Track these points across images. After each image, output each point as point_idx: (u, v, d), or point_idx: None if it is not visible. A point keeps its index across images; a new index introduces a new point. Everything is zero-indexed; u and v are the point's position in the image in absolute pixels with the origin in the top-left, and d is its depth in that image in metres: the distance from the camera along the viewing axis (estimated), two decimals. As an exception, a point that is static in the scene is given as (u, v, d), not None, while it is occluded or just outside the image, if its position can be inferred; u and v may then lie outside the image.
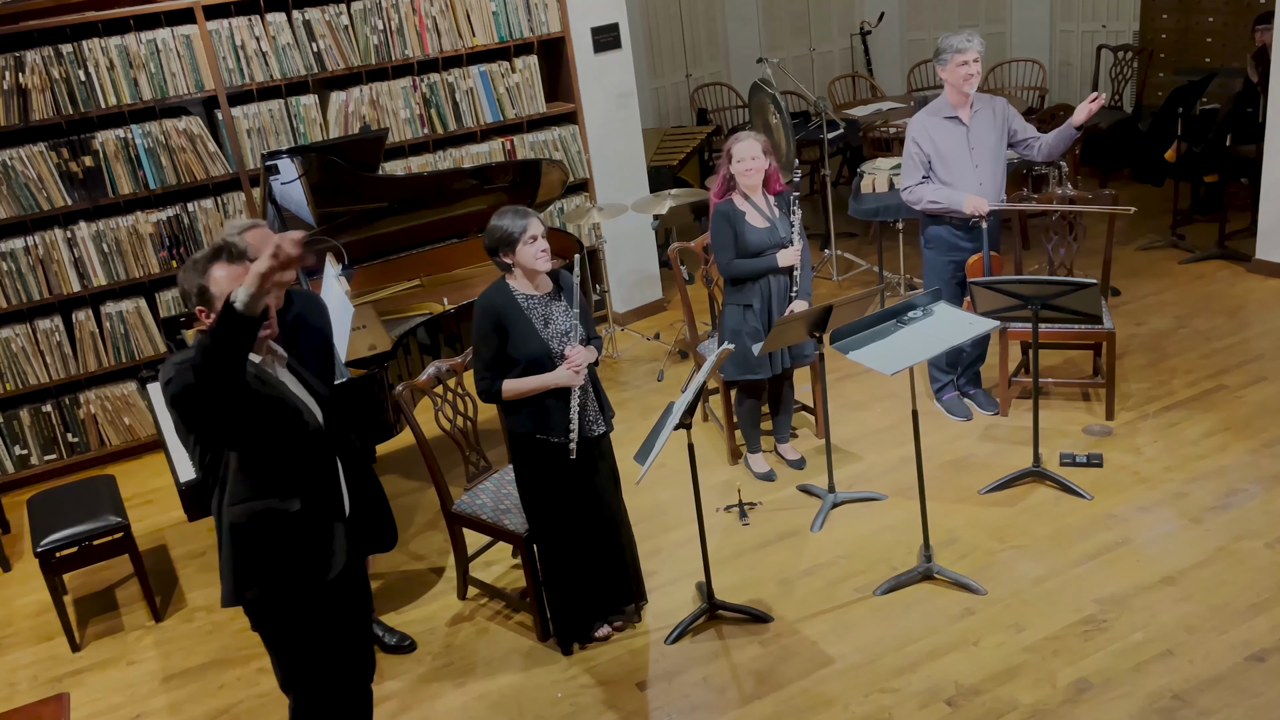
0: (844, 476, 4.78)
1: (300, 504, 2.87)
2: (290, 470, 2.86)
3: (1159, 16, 8.44)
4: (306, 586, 2.93)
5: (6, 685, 4.20)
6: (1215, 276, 6.38)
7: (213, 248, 2.79)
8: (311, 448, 2.90)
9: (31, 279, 5.39)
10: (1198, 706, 3.37)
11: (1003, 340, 5.01)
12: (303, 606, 2.95)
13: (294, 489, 2.87)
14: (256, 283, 2.49)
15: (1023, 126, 4.87)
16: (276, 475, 2.85)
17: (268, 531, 2.87)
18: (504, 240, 3.53)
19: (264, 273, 2.49)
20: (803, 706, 3.58)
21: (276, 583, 2.90)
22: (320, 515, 2.93)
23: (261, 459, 2.83)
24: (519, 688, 3.83)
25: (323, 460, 2.94)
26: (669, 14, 9.04)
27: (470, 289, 5.01)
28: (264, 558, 2.88)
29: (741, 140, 4.43)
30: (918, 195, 4.82)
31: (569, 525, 3.79)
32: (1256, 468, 4.51)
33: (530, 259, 3.54)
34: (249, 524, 2.86)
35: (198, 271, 2.76)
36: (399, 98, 5.88)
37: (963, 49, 4.64)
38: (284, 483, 2.86)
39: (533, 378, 3.57)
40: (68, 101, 5.25)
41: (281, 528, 2.87)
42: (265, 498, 2.85)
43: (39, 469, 5.64)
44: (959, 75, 4.66)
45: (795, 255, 4.48)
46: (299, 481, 2.88)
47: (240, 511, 2.85)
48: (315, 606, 2.97)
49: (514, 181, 5.20)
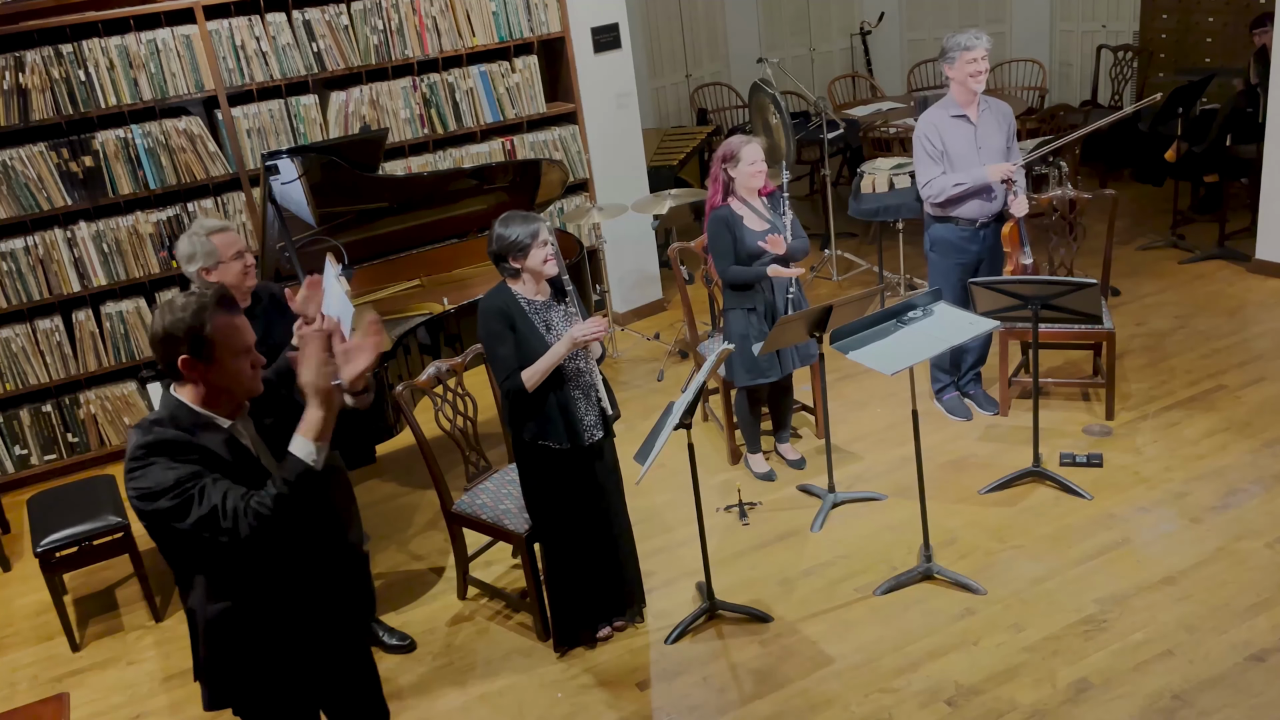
0: (844, 476, 4.78)
1: (289, 594, 2.55)
2: (275, 553, 2.48)
3: (1159, 16, 8.44)
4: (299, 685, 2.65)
5: (6, 685, 4.20)
6: (1215, 276, 6.38)
7: (213, 294, 2.43)
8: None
9: (31, 279, 5.39)
10: (1198, 706, 3.37)
11: (1003, 340, 5.01)
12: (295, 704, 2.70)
13: (281, 574, 2.53)
14: (323, 414, 2.28)
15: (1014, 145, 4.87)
16: (261, 563, 2.49)
17: (255, 631, 2.54)
18: (514, 246, 3.51)
19: (318, 386, 2.30)
20: (803, 706, 3.58)
21: (267, 686, 2.61)
22: (309, 602, 2.62)
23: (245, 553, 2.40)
24: (519, 688, 3.83)
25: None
26: (669, 14, 9.04)
27: (470, 289, 5.02)
28: (252, 659, 2.57)
29: (749, 144, 4.44)
30: (940, 187, 4.73)
31: (573, 527, 3.80)
32: (1256, 468, 4.51)
33: (540, 263, 3.55)
34: (233, 624, 2.53)
35: (192, 316, 2.36)
36: (399, 98, 5.88)
37: (971, 46, 4.62)
38: (271, 569, 2.51)
39: (544, 357, 3.55)
40: (68, 101, 5.24)
41: (271, 625, 2.55)
42: (251, 591, 2.51)
43: (39, 469, 5.64)
44: (966, 73, 4.64)
45: (791, 273, 4.47)
46: (285, 562, 2.54)
47: (220, 610, 2.51)
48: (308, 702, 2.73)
49: (514, 181, 5.20)
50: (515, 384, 3.56)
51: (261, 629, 2.55)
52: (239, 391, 2.47)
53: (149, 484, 2.33)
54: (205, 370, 2.39)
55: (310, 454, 2.31)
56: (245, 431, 2.53)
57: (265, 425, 2.58)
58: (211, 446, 2.41)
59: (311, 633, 2.64)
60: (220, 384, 2.43)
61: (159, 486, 2.31)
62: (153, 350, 2.42)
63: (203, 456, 2.38)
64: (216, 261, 3.59)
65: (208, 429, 2.43)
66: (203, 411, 2.44)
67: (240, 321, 2.43)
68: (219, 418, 2.46)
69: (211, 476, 2.35)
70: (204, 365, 2.38)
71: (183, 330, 2.35)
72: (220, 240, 3.59)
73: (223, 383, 2.43)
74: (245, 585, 2.50)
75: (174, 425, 2.39)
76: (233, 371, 2.42)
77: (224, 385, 2.43)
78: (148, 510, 2.34)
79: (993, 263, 4.94)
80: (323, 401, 2.34)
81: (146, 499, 2.33)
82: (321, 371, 2.34)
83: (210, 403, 2.44)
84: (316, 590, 2.64)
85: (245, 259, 3.66)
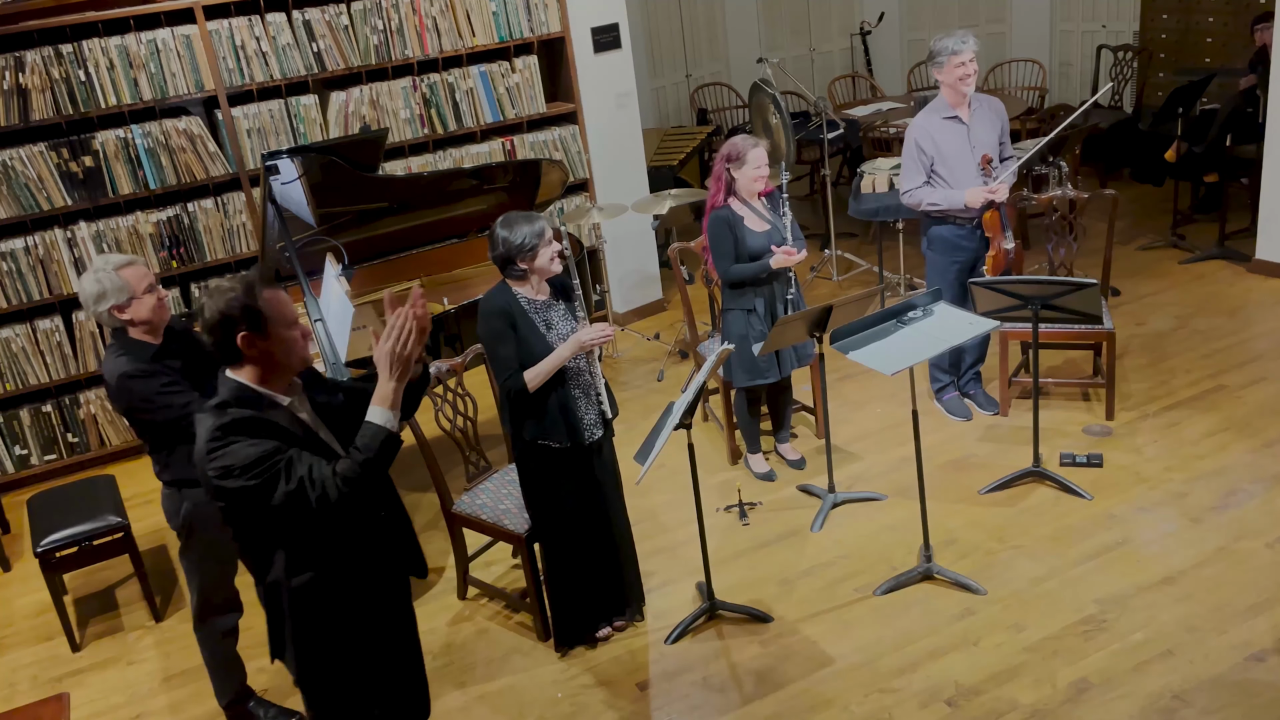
0: (844, 476, 4.78)
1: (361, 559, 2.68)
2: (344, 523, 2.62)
3: (1159, 16, 8.44)
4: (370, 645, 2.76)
5: (6, 685, 4.20)
6: (1215, 276, 6.38)
7: (256, 272, 2.56)
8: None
9: (31, 279, 5.39)
10: (1198, 706, 3.37)
11: (1003, 340, 5.01)
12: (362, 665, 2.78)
13: (356, 538, 2.66)
14: (397, 373, 2.40)
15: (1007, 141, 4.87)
16: (335, 533, 2.61)
17: (340, 596, 2.67)
18: (522, 249, 3.50)
19: (401, 354, 2.41)
20: (803, 706, 3.58)
21: (346, 649, 2.72)
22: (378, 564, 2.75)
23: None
24: (519, 688, 3.83)
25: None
26: (669, 14, 9.04)
27: (470, 289, 5.02)
28: (332, 624, 2.68)
29: (756, 148, 4.43)
30: (917, 199, 4.81)
31: (573, 527, 3.80)
32: (1256, 468, 4.51)
33: (549, 262, 3.55)
34: (319, 591, 2.64)
35: (244, 293, 2.48)
36: (399, 98, 5.88)
37: (958, 50, 4.63)
38: (347, 535, 2.64)
39: (548, 358, 3.56)
40: (68, 101, 5.25)
41: (352, 589, 2.68)
42: (331, 558, 2.63)
43: (39, 469, 5.64)
44: (955, 76, 4.65)
45: (792, 260, 4.46)
46: (355, 530, 2.66)
47: (305, 580, 2.62)
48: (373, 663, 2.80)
49: (514, 181, 5.19)
50: (517, 383, 3.56)
51: (345, 593, 2.67)
52: (294, 362, 2.57)
53: (232, 462, 2.41)
54: (263, 345, 2.49)
55: (389, 421, 2.44)
56: (302, 407, 2.64)
57: (320, 403, 2.69)
58: (281, 423, 2.52)
59: (385, 594, 2.78)
60: (276, 357, 2.53)
61: (243, 463, 2.40)
62: (208, 336, 2.51)
63: (277, 432, 2.48)
64: (129, 297, 3.32)
65: (271, 407, 2.54)
66: (263, 390, 2.54)
67: (284, 295, 2.55)
68: (278, 395, 2.56)
69: (293, 450, 2.46)
70: (262, 340, 2.49)
71: (238, 308, 2.45)
72: (130, 274, 3.32)
73: (279, 355, 2.53)
74: (326, 553, 2.62)
75: (240, 406, 2.49)
76: (287, 342, 2.53)
77: (280, 358, 2.54)
78: (232, 489, 2.43)
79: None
80: (397, 373, 2.46)
81: (231, 477, 2.41)
82: (398, 344, 2.44)
83: (267, 379, 2.55)
84: (385, 552, 2.76)
85: (158, 291, 3.41)
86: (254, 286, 2.49)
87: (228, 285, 2.49)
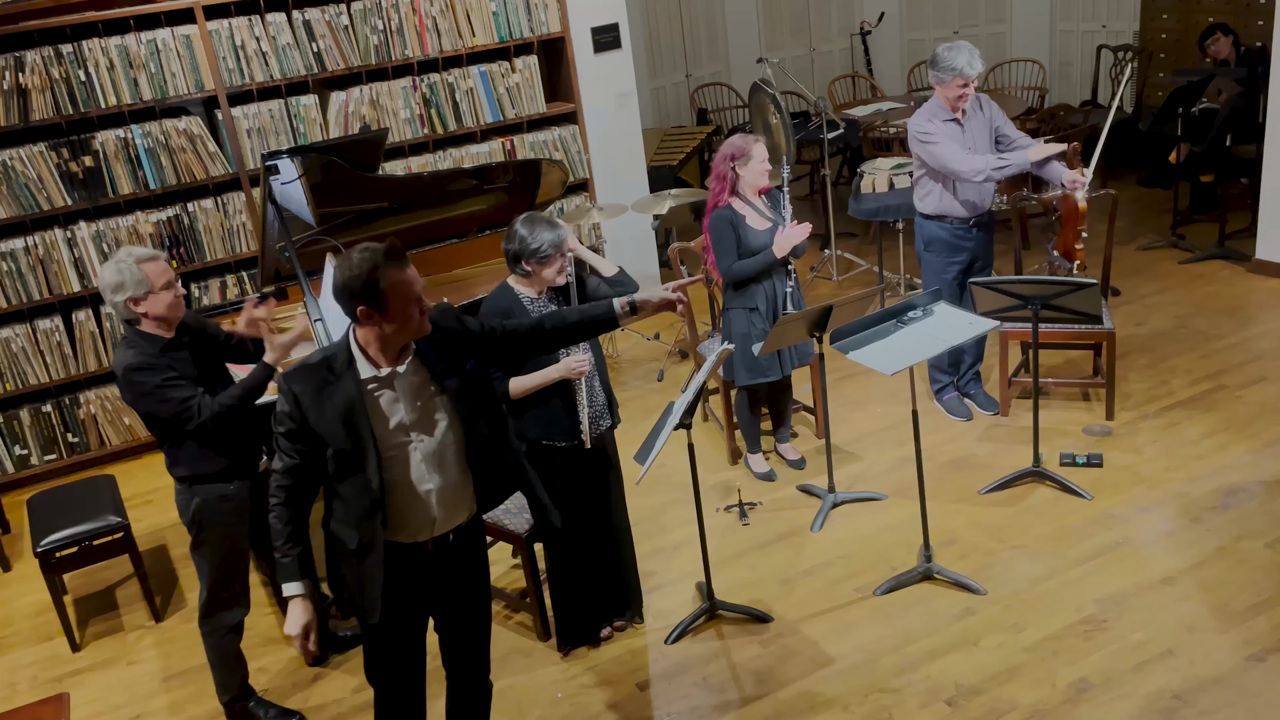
0: (844, 476, 4.78)
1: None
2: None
3: (1159, 16, 8.44)
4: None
5: (6, 685, 4.20)
6: (1215, 276, 6.38)
7: (384, 248, 2.65)
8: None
9: (31, 279, 5.39)
10: (1198, 706, 3.37)
11: (1003, 340, 5.01)
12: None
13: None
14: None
15: (1012, 131, 4.85)
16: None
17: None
18: (536, 254, 3.49)
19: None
20: (803, 706, 3.58)
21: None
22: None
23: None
24: (519, 688, 3.83)
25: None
26: (669, 14, 9.04)
27: (470, 289, 5.02)
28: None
29: (759, 143, 4.43)
30: (983, 165, 4.58)
31: (575, 528, 3.79)
32: (1256, 468, 4.51)
33: (554, 274, 3.55)
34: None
35: (366, 271, 2.61)
36: (399, 98, 5.88)
37: (966, 75, 4.57)
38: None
39: (536, 374, 3.58)
40: (68, 101, 5.25)
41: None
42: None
43: (39, 469, 5.64)
44: (955, 94, 4.63)
45: (798, 236, 4.43)
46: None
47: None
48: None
49: (514, 181, 5.19)
50: (500, 387, 3.59)
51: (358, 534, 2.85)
52: (408, 336, 2.73)
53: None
54: (381, 318, 2.66)
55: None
56: (401, 377, 2.76)
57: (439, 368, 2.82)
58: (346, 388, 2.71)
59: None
60: (392, 329, 2.69)
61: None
62: (335, 298, 2.70)
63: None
64: (147, 291, 3.39)
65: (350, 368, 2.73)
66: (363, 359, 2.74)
67: (410, 274, 2.67)
68: (380, 370, 2.73)
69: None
70: (380, 314, 2.65)
71: (359, 285, 2.61)
72: (151, 269, 3.39)
73: (394, 328, 2.69)
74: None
75: (328, 365, 2.72)
76: (404, 318, 2.68)
77: (394, 331, 2.69)
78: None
79: (986, 261, 4.94)
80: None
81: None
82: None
83: (383, 346, 2.72)
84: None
85: (176, 289, 3.47)
86: (377, 266, 2.61)
87: (355, 259, 2.63)
